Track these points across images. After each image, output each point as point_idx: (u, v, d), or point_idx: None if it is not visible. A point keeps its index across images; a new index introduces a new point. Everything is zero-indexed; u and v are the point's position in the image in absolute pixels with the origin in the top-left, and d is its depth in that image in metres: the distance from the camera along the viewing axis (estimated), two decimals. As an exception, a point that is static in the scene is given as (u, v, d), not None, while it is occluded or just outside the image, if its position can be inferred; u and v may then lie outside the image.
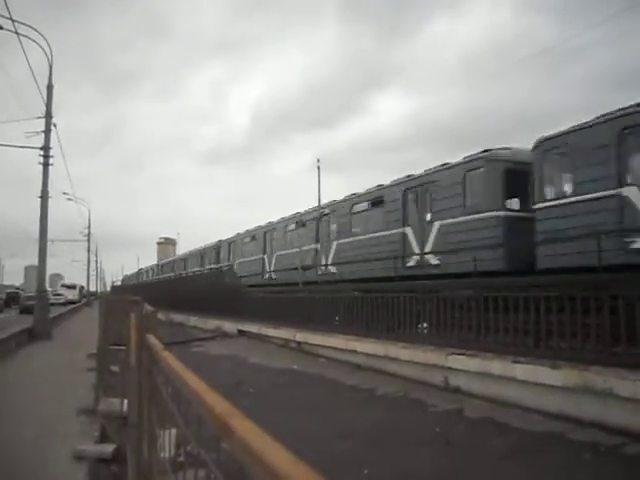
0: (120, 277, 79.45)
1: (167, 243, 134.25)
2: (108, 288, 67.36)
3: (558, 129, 10.57)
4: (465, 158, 12.43)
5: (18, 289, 51.83)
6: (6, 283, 69.93)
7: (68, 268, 73.28)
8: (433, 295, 9.76)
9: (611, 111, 9.47)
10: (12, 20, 14.13)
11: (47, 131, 16.25)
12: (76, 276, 69.90)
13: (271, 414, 5.39)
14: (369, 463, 5.06)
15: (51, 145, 16.30)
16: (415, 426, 6.48)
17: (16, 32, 14.36)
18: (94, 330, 9.88)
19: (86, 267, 54.27)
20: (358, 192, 16.92)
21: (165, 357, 1.65)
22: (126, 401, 4.20)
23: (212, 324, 18.78)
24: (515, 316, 7.99)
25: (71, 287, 54.77)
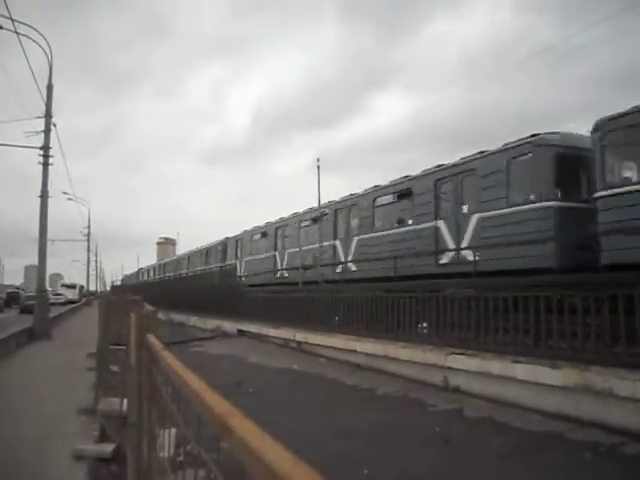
0: (120, 277, 79.49)
1: (167, 243, 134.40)
2: (108, 288, 67.50)
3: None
4: (507, 144, 11.26)
5: (18, 289, 51.83)
6: (6, 283, 69.93)
7: (68, 268, 73.42)
8: (433, 295, 9.76)
9: None
10: (12, 20, 14.16)
11: (47, 131, 16.28)
12: (76, 276, 70.04)
13: (271, 414, 5.39)
14: (369, 463, 5.06)
15: (51, 145, 16.36)
16: (415, 426, 6.48)
17: (16, 32, 14.40)
18: (94, 330, 9.89)
19: (86, 267, 54.40)
20: (381, 184, 15.57)
21: (165, 357, 1.65)
22: (126, 401, 4.20)
23: (212, 324, 18.78)
24: (515, 316, 7.98)
25: (71, 287, 54.91)
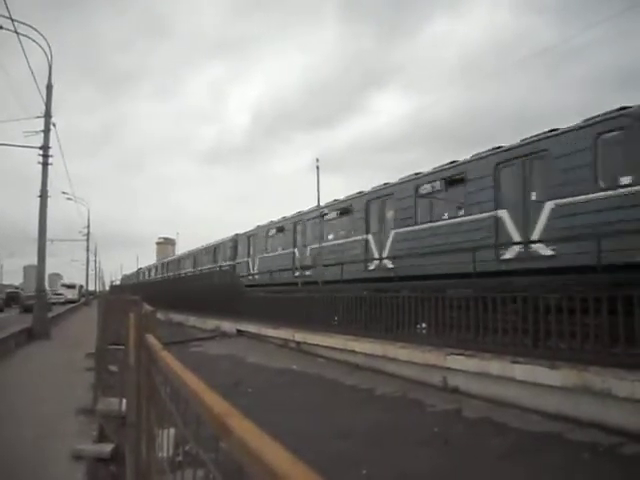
0: (119, 277, 79.44)
1: (166, 243, 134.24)
2: (107, 288, 67.49)
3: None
4: (589, 120, 9.76)
5: (17, 289, 51.82)
6: (5, 283, 69.80)
7: (67, 268, 73.45)
8: (432, 295, 9.75)
9: None
10: (12, 20, 14.16)
11: (46, 130, 16.27)
12: (75, 275, 70.04)
13: (270, 414, 5.39)
14: (368, 463, 5.06)
15: (50, 144, 16.36)
16: (414, 426, 6.48)
17: (16, 32, 14.39)
18: (93, 330, 9.89)
19: (85, 267, 54.37)
20: (422, 171, 14.02)
21: (164, 357, 1.65)
22: (124, 401, 4.20)
23: (211, 324, 18.77)
24: (514, 316, 7.99)
25: (71, 287, 55.12)
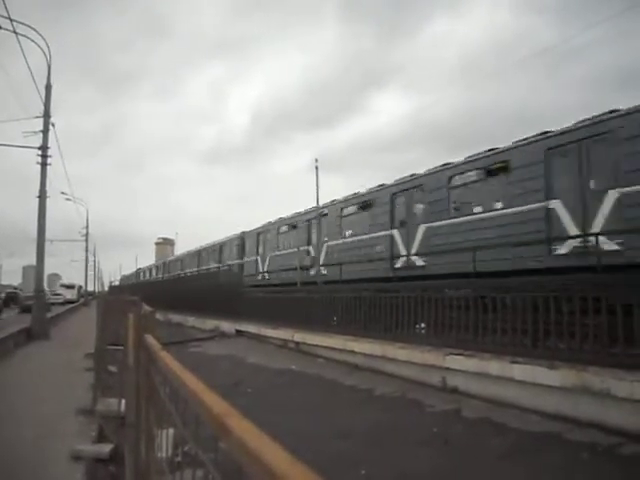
0: (118, 277, 79.36)
1: (165, 243, 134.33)
2: (106, 288, 67.42)
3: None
4: None
5: (16, 289, 51.78)
6: (4, 283, 69.73)
7: (66, 268, 73.34)
8: (431, 295, 9.75)
9: None
10: (11, 20, 14.15)
11: (45, 131, 16.25)
12: (74, 276, 69.96)
13: (269, 414, 5.39)
14: (367, 463, 5.06)
15: (49, 145, 16.33)
16: (413, 426, 6.48)
17: (15, 32, 14.38)
18: (92, 330, 9.88)
19: (84, 267, 54.36)
20: (454, 161, 12.85)
21: (163, 357, 1.65)
22: (124, 401, 4.19)
23: (210, 324, 18.76)
24: (513, 316, 7.99)
25: (70, 287, 55.14)
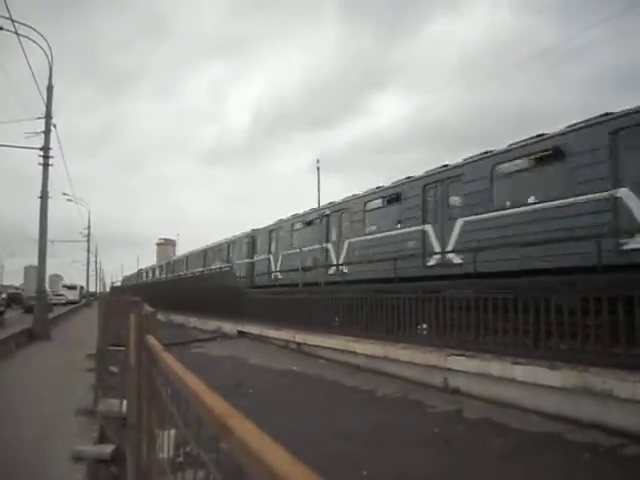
0: (120, 277, 79.36)
1: (166, 244, 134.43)
2: (107, 289, 67.49)
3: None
4: None
5: (17, 289, 51.95)
6: (6, 283, 69.94)
7: (68, 268, 73.49)
8: (432, 296, 9.75)
9: None
10: (12, 20, 14.18)
11: (47, 132, 16.28)
12: (76, 276, 70.09)
13: (271, 415, 5.39)
14: (369, 464, 5.06)
15: (51, 145, 16.36)
16: (414, 427, 6.47)
17: (16, 33, 14.41)
18: (93, 331, 9.88)
19: (86, 267, 54.43)
20: (497, 148, 11.61)
21: (164, 358, 1.65)
22: (125, 402, 4.20)
23: (212, 325, 18.77)
24: (514, 317, 7.98)
25: (72, 287, 55.45)
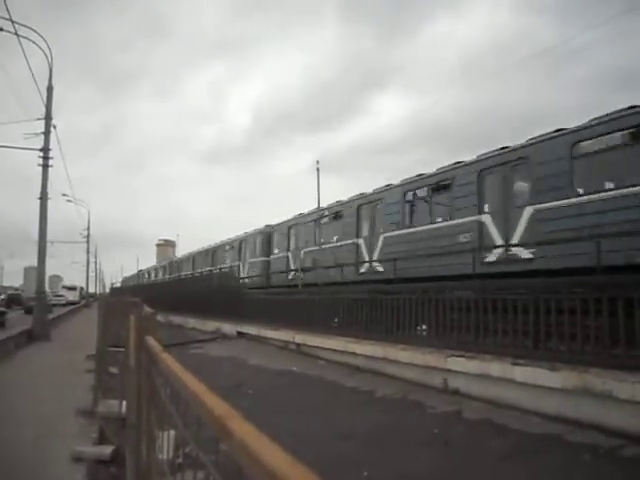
0: (119, 278, 79.33)
1: (166, 245, 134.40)
2: (107, 289, 67.49)
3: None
4: None
5: (17, 290, 51.99)
6: (5, 284, 70.01)
7: (67, 269, 73.59)
8: (432, 297, 9.75)
9: None
10: (12, 21, 14.19)
11: (47, 133, 16.29)
12: (75, 277, 70.17)
13: (270, 416, 5.39)
14: (368, 464, 5.05)
15: (51, 146, 16.36)
16: (414, 427, 6.47)
17: (16, 33, 14.42)
18: (93, 331, 9.88)
19: (85, 268, 54.42)
20: (567, 127, 10.16)
21: (164, 358, 1.65)
22: (125, 402, 4.20)
23: (211, 326, 18.76)
24: (514, 318, 7.98)
25: (72, 288, 55.59)
